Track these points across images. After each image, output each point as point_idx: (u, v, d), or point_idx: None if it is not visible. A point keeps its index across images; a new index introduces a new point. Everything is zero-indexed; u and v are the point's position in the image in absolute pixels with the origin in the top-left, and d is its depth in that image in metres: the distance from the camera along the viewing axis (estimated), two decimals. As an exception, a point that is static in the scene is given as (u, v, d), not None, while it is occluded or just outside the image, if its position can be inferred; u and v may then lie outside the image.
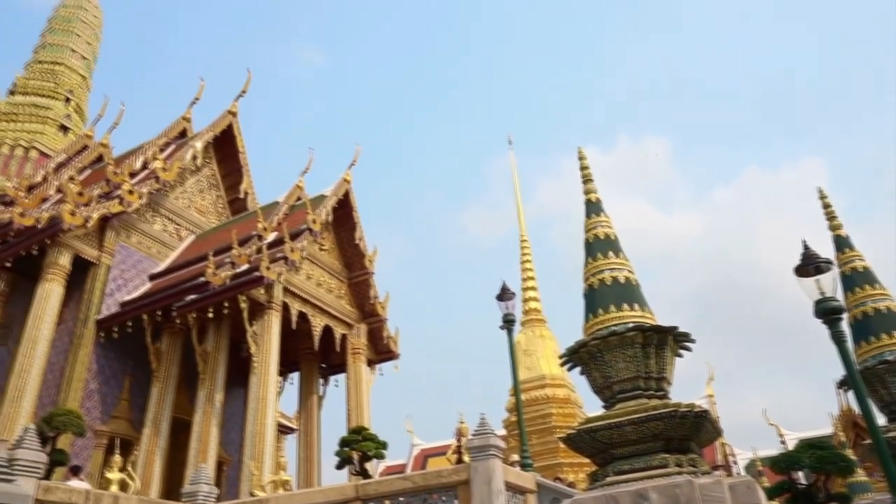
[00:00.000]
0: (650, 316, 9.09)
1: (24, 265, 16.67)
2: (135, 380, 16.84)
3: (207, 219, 21.30)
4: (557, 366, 21.09)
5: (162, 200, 19.78)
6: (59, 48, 30.69)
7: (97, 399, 16.03)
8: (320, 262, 18.19)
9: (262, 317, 15.58)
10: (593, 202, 10.55)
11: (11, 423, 13.99)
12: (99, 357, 16.32)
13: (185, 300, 15.72)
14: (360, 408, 17.63)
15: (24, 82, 28.97)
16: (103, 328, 16.38)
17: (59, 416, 11.21)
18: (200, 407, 15.22)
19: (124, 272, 17.83)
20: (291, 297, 16.64)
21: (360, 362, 18.46)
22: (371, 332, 19.16)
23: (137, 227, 18.66)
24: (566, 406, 20.30)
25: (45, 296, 15.80)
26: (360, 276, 19.06)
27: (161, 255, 19.15)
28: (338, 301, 18.44)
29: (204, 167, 21.73)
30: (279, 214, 18.61)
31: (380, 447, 11.98)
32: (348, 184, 19.05)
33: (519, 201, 25.71)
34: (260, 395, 14.65)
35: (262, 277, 15.01)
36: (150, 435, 15.33)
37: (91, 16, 32.90)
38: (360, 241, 19.01)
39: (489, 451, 9.35)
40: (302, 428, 18.69)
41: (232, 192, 22.36)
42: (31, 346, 15.10)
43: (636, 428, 7.88)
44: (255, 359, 15.14)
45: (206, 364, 15.71)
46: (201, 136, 21.33)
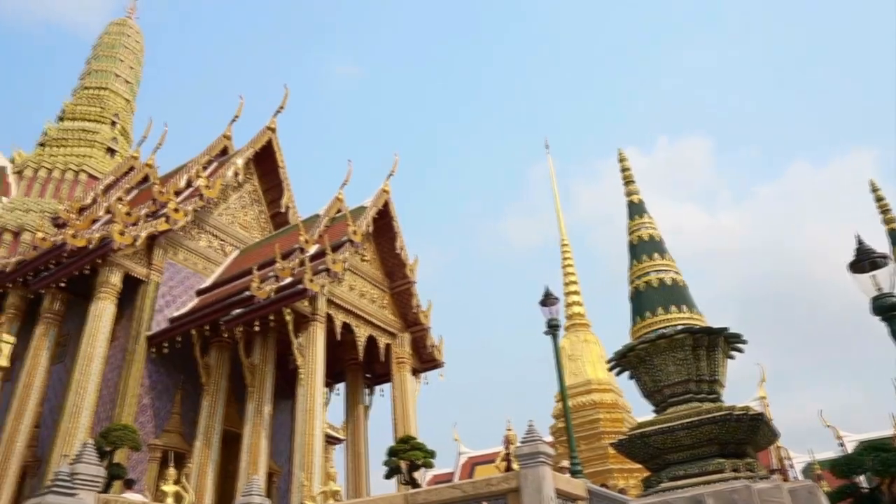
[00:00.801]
0: (699, 317, 8.92)
1: (78, 285, 17.17)
2: (185, 394, 17.16)
3: (251, 233, 21.66)
4: (603, 370, 20.93)
5: (206, 217, 20.18)
6: (104, 74, 31.67)
7: (150, 413, 16.38)
8: (362, 272, 18.32)
9: (306, 329, 15.74)
10: (636, 203, 10.41)
11: (70, 439, 14.39)
12: (151, 372, 16.69)
13: (231, 314, 15.98)
14: (407, 417, 17.66)
15: (72, 108, 29.97)
16: (154, 344, 16.75)
17: (115, 431, 11.50)
18: (250, 419, 15.43)
19: (172, 288, 18.23)
20: (335, 309, 16.78)
21: (404, 371, 18.51)
22: (415, 340, 19.20)
23: (184, 244, 19.07)
24: (614, 411, 20.04)
25: (98, 314, 16.23)
26: (402, 286, 19.13)
27: (207, 271, 19.52)
28: (381, 311, 18.54)
29: (245, 183, 22.12)
30: (320, 227, 18.80)
31: (428, 456, 11.96)
32: (387, 194, 19.17)
33: (558, 206, 25.58)
34: (307, 406, 14.78)
35: (306, 290, 15.17)
36: (201, 448, 15.58)
37: (133, 41, 33.89)
38: (401, 251, 19.09)
39: (538, 458, 9.27)
40: (349, 438, 18.81)
41: (273, 206, 22.71)
42: (86, 363, 15.51)
43: (690, 432, 7.73)
44: (302, 370, 15.29)
45: (254, 377, 15.93)
46: (242, 152, 21.73)
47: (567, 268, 23.41)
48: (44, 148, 27.67)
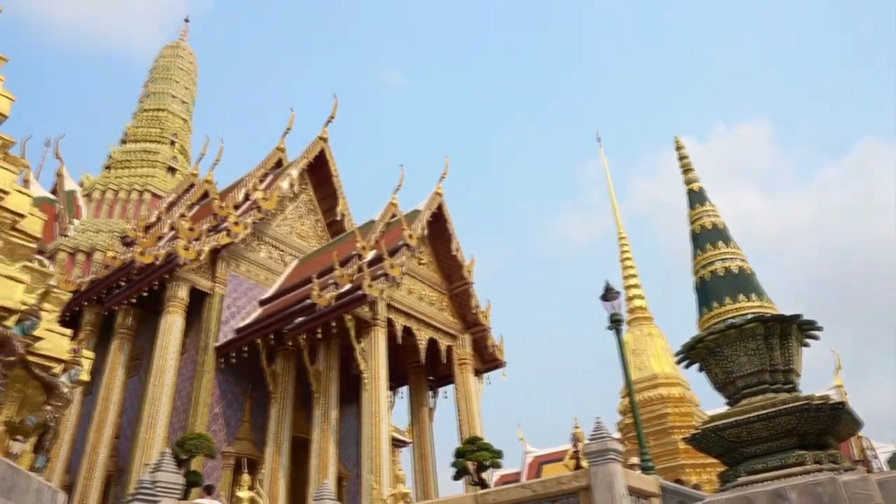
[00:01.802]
0: (770, 305, 8.62)
1: (148, 300, 17.81)
2: (254, 402, 17.59)
3: (308, 243, 22.06)
4: (669, 364, 20.51)
5: (265, 229, 20.65)
6: (161, 95, 32.78)
7: (222, 422, 16.85)
8: (420, 275, 18.43)
9: (368, 334, 15.93)
10: (696, 192, 10.15)
11: (148, 448, 14.94)
12: (220, 382, 17.17)
13: (294, 323, 16.30)
14: (472, 418, 17.67)
15: (133, 130, 31.13)
16: (222, 354, 17.23)
17: (191, 439, 11.88)
18: (317, 425, 15.71)
19: (236, 300, 18.72)
20: (395, 313, 16.93)
21: (467, 372, 18.53)
22: (475, 341, 19.20)
23: (245, 256, 19.56)
24: (682, 405, 19.59)
25: (168, 328, 16.80)
26: (460, 287, 19.16)
27: (269, 281, 19.98)
28: (440, 313, 18.61)
29: (301, 193, 22.54)
30: (376, 233, 19.01)
31: (495, 456, 11.94)
32: (441, 197, 19.23)
33: (613, 198, 25.19)
34: (373, 410, 14.95)
35: (366, 295, 15.36)
36: (272, 454, 15.94)
37: (186, 62, 34.98)
38: (457, 252, 19.12)
39: (608, 455, 9.14)
40: (415, 441, 18.94)
41: (329, 214, 23.07)
42: (159, 375, 16.08)
43: (766, 424, 7.48)
44: (365, 375, 15.48)
45: (319, 383, 16.22)
46: (296, 163, 22.16)
47: (626, 261, 23.03)
48: (109, 170, 28.82)
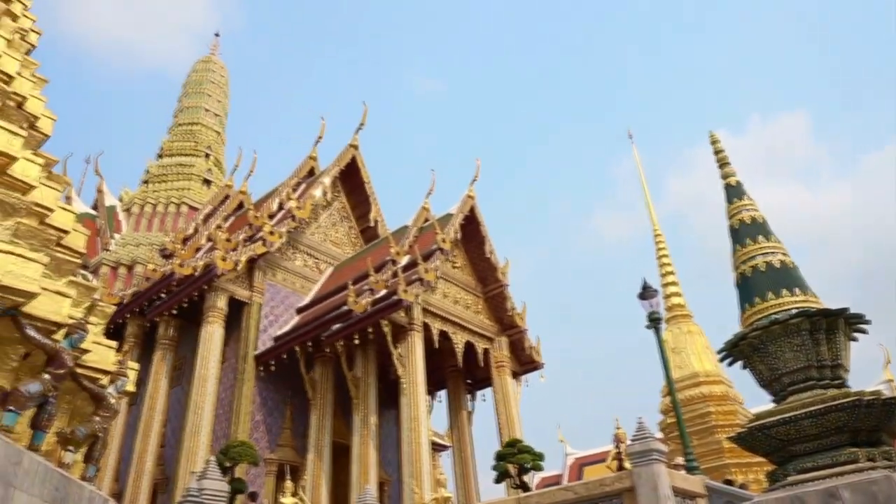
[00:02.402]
0: (814, 299, 8.41)
1: (188, 311, 18.12)
2: (294, 409, 17.77)
3: (343, 250, 22.23)
4: (710, 362, 20.15)
5: (300, 237, 20.87)
6: (195, 110, 33.41)
7: (263, 429, 17.05)
8: (454, 279, 18.43)
9: (405, 339, 15.97)
10: (733, 186, 9.96)
11: (193, 456, 15.19)
12: (261, 390, 17.39)
13: (331, 329, 16.44)
14: (511, 420, 17.59)
15: (168, 145, 31.78)
16: (262, 362, 17.44)
17: (234, 447, 12.05)
18: (357, 430, 15.80)
19: (274, 308, 18.94)
20: (431, 317, 16.95)
21: (504, 375, 18.45)
22: (512, 343, 19.12)
23: (281, 264, 19.79)
24: (725, 403, 19.22)
25: (209, 337, 17.08)
26: (495, 289, 19.10)
27: (305, 289, 20.18)
28: (476, 316, 18.58)
29: (334, 201, 22.74)
30: (409, 238, 19.08)
31: (536, 459, 11.87)
32: (472, 199, 19.21)
33: (647, 195, 24.90)
34: (412, 415, 14.98)
35: (401, 300, 15.41)
36: (314, 460, 16.08)
37: (218, 76, 35.59)
38: (491, 255, 19.07)
39: (651, 456, 9.02)
40: (455, 444, 18.93)
41: (362, 221, 23.22)
42: (201, 384, 16.35)
43: (815, 421, 7.29)
44: (403, 380, 15.52)
45: (358, 389, 16.31)
46: (328, 171, 22.36)
47: (662, 258, 22.72)
48: (147, 185, 29.44)
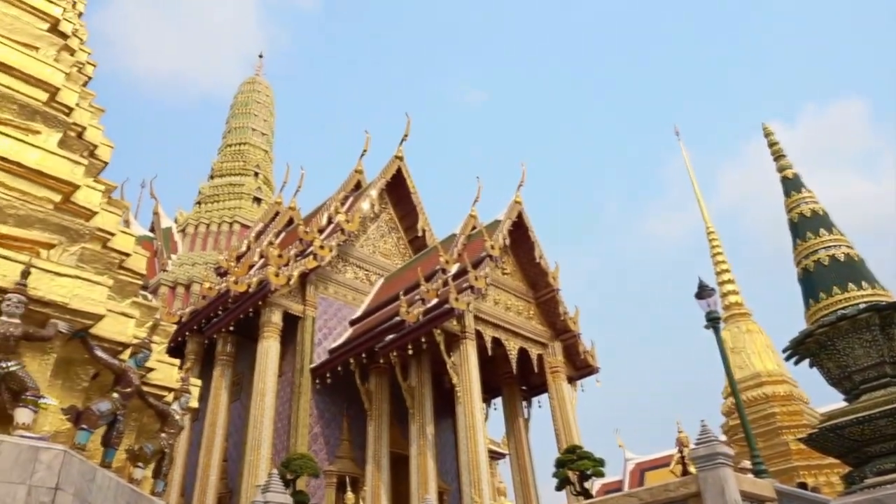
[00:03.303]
0: (884, 293, 8.08)
1: (244, 327, 18.48)
2: (351, 420, 17.90)
3: (392, 261, 22.38)
4: (772, 361, 19.53)
5: (350, 250, 21.09)
6: (242, 130, 34.22)
7: (321, 441, 17.23)
8: (505, 286, 18.34)
9: (458, 347, 15.95)
10: (790, 179, 9.68)
11: (254, 469, 15.46)
12: (318, 402, 17.58)
13: (384, 340, 16.52)
14: (568, 426, 17.36)
15: (219, 165, 32.62)
16: (317, 375, 17.65)
17: (295, 460, 12.20)
18: (414, 440, 15.82)
19: (327, 321, 19.17)
20: (483, 325, 16.89)
21: (560, 380, 18.24)
22: (566, 348, 18.90)
23: (332, 278, 20.03)
24: (790, 403, 18.59)
25: (265, 352, 17.38)
26: (547, 294, 18.93)
27: (356, 301, 20.36)
28: (528, 322, 18.44)
29: (382, 213, 22.92)
30: (458, 246, 19.08)
31: (597, 465, 11.67)
32: (520, 205, 19.11)
33: (698, 192, 24.38)
34: (468, 423, 14.92)
35: (453, 309, 15.39)
36: (373, 471, 16.16)
37: (263, 96, 36.38)
38: (541, 260, 18.92)
39: (717, 460, 8.77)
40: (512, 452, 18.78)
41: (410, 231, 23.34)
42: (260, 398, 16.63)
43: (892, 421, 6.99)
44: (458, 388, 15.49)
45: (413, 399, 16.34)
46: (374, 184, 22.56)
47: (717, 256, 22.17)
48: (200, 205, 30.26)
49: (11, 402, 4.78)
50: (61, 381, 5.66)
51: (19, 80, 7.19)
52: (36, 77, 7.33)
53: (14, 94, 6.95)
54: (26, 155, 6.34)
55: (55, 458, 4.44)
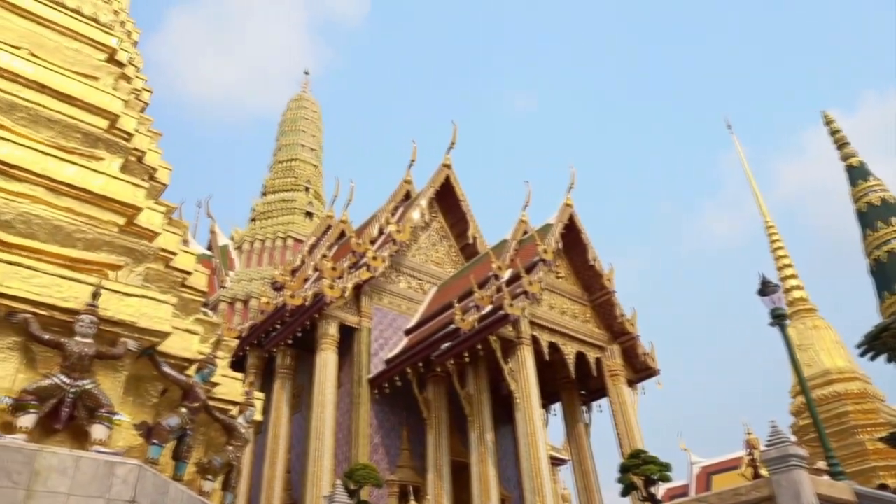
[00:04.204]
0: (964, 282, 7.67)
1: (302, 340, 18.77)
2: (410, 429, 17.95)
3: (444, 269, 22.41)
4: (843, 357, 18.78)
5: (402, 260, 21.22)
6: (292, 146, 34.87)
7: (382, 451, 17.32)
8: (559, 289, 18.15)
9: (514, 353, 15.85)
10: (856, 167, 9.32)
11: (317, 480, 15.64)
12: (377, 412, 17.69)
13: (440, 349, 16.54)
14: (630, 430, 17.02)
15: (270, 182, 33.31)
16: (375, 386, 17.77)
17: (358, 470, 12.30)
18: (474, 448, 15.76)
19: (383, 332, 19.30)
20: (539, 330, 16.74)
21: (619, 384, 17.93)
22: (625, 351, 18.57)
23: (386, 288, 20.17)
24: (864, 401, 17.82)
25: (323, 364, 17.59)
26: (602, 297, 18.65)
27: (411, 311, 20.45)
28: (585, 325, 18.20)
29: (432, 221, 23.01)
30: (510, 251, 18.98)
31: (663, 469, 11.39)
32: (571, 208, 18.91)
33: (755, 187, 23.72)
34: (527, 430, 14.79)
35: (508, 315, 15.31)
36: (434, 480, 16.15)
37: (310, 112, 37.01)
38: (595, 262, 18.67)
39: (790, 462, 8.48)
40: (574, 458, 18.52)
41: (461, 239, 23.35)
42: (320, 410, 16.83)
43: (981, 416, 6.61)
44: (516, 394, 15.37)
45: (472, 406, 16.29)
46: (424, 193, 22.66)
47: (778, 251, 21.49)
48: (255, 222, 30.94)
49: (87, 419, 4.94)
50: (132, 397, 5.82)
51: (82, 110, 7.47)
52: (97, 106, 7.61)
53: (78, 123, 7.22)
54: (91, 181, 6.56)
55: (130, 472, 4.56)
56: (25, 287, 5.07)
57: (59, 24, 8.51)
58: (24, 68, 7.24)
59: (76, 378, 4.96)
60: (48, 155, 6.44)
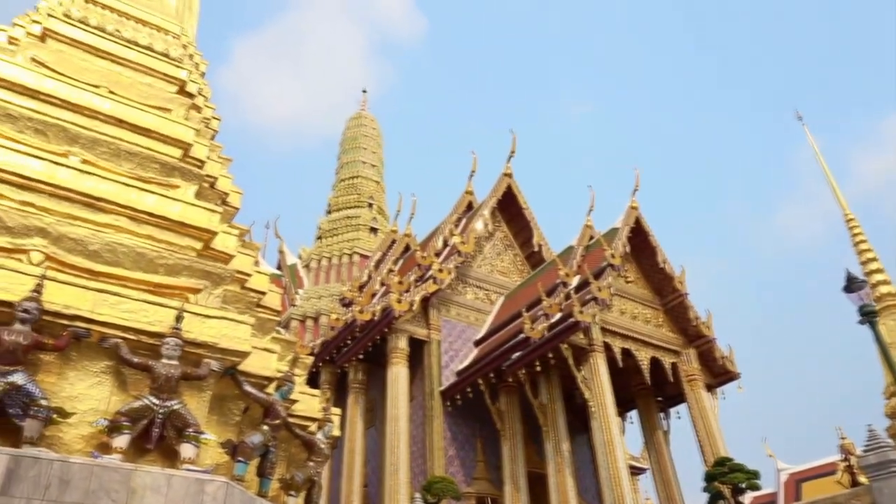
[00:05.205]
0: None
1: (373, 354, 18.96)
2: (484, 441, 17.83)
3: (510, 278, 22.28)
4: (939, 354, 17.63)
5: (467, 271, 21.21)
6: (353, 164, 35.47)
7: (458, 464, 17.26)
8: (629, 294, 17.77)
9: (587, 361, 15.58)
10: (946, 151, 8.73)
11: (394, 494, 15.70)
12: (450, 424, 17.66)
13: (511, 358, 16.41)
14: (712, 437, 16.43)
15: (334, 200, 33.95)
16: (447, 398, 17.75)
17: (436, 483, 12.29)
18: (550, 459, 15.53)
19: (452, 343, 19.30)
20: (611, 336, 16.42)
21: (697, 389, 17.36)
22: (701, 355, 17.98)
23: (453, 300, 20.19)
24: (965, 400, 16.71)
25: (395, 378, 17.71)
26: (674, 300, 18.15)
27: (479, 322, 20.39)
28: (658, 330, 17.75)
29: (496, 231, 22.93)
30: (576, 258, 18.73)
31: (751, 477, 10.94)
32: (636, 210, 18.53)
33: (831, 179, 22.66)
34: (605, 438, 14.48)
35: (578, 322, 15.07)
36: (511, 492, 15.98)
37: (370, 129, 37.59)
38: (665, 265, 18.20)
39: (892, 468, 8.00)
40: (653, 466, 18.01)
41: (526, 247, 23.17)
42: (393, 424, 16.93)
43: None
44: (591, 403, 15.09)
45: (546, 416, 16.08)
46: (486, 203, 22.62)
47: (860, 245, 20.43)
48: (321, 240, 31.57)
49: (176, 439, 5.10)
50: (216, 416, 5.98)
51: (157, 141, 7.79)
52: (171, 136, 7.92)
53: (154, 154, 7.52)
54: (170, 208, 6.82)
55: (219, 489, 4.68)
56: (114, 313, 5.30)
57: (133, 61, 8.93)
58: (103, 105, 7.61)
59: (164, 399, 5.14)
60: (129, 186, 6.73)
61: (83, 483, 4.29)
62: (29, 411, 4.63)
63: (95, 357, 5.25)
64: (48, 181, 6.25)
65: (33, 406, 4.64)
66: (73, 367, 5.18)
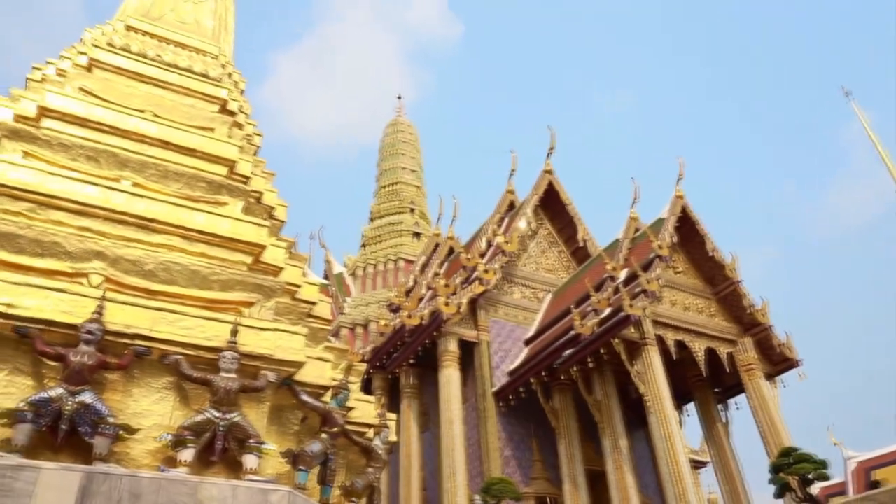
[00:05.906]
0: None
1: (424, 358, 19.05)
2: (540, 440, 17.72)
3: (557, 275, 22.10)
4: None
5: (513, 270, 21.13)
6: (393, 170, 35.72)
7: (514, 464, 17.19)
8: (679, 285, 17.44)
9: (640, 355, 15.34)
10: None
11: (453, 497, 15.72)
12: (504, 425, 17.61)
13: (562, 356, 16.27)
14: (774, 427, 15.99)
15: (376, 207, 34.23)
16: (500, 398, 17.71)
17: (495, 485, 12.27)
18: (608, 455, 15.34)
19: (502, 344, 19.24)
20: (663, 328, 16.14)
21: (756, 378, 16.92)
22: (758, 343, 17.53)
23: (500, 300, 20.13)
24: None
25: (447, 381, 17.74)
26: (727, 288, 17.74)
27: (527, 321, 20.28)
28: (711, 320, 17.37)
29: (539, 229, 22.78)
30: (623, 251, 18.48)
31: (819, 467, 10.59)
32: (682, 199, 18.19)
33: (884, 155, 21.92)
34: (663, 433, 14.23)
35: (628, 316, 14.86)
36: (570, 490, 15.84)
37: (407, 134, 37.81)
38: (714, 253, 17.81)
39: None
40: (715, 460, 17.62)
41: (571, 243, 22.97)
42: (448, 427, 16.95)
43: None
44: (647, 397, 14.85)
45: (601, 412, 15.89)
46: (528, 201, 22.51)
47: (921, 220, 19.67)
48: (365, 248, 31.88)
49: (238, 450, 5.20)
50: (275, 427, 6.08)
51: (203, 160, 7.97)
52: (216, 155, 8.10)
53: (201, 173, 7.70)
54: (219, 225, 6.97)
55: (282, 498, 4.75)
56: (173, 330, 5.43)
57: (175, 84, 9.17)
58: (150, 128, 7.83)
59: (225, 411, 5.24)
60: (180, 206, 6.90)
61: (152, 496, 4.41)
62: (98, 429, 4.77)
63: (157, 374, 5.40)
64: (103, 206, 6.45)
65: (102, 424, 4.78)
66: (137, 384, 5.33)
